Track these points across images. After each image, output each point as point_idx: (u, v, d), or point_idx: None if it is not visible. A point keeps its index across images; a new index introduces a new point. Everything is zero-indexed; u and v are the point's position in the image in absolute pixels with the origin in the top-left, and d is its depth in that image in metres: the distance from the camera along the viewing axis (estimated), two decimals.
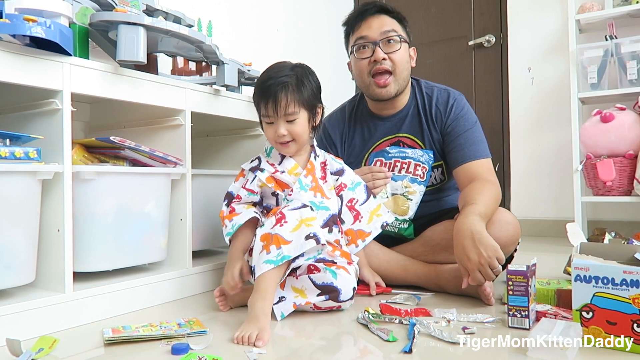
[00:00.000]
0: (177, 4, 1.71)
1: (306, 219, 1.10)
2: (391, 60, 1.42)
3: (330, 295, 1.15)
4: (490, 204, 1.27)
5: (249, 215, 1.22)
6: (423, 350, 0.91)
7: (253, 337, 0.94)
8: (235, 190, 1.28)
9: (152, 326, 1.04)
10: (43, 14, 1.07)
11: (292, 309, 1.13)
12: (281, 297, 1.14)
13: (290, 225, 1.09)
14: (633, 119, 2.25)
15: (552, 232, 2.67)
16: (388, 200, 1.42)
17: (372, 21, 1.44)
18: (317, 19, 2.99)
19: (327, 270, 1.16)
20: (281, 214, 1.11)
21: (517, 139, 2.86)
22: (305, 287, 1.15)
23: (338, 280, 1.16)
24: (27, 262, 1.05)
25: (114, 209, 1.21)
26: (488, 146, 1.45)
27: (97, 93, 1.16)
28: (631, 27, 2.47)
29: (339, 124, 1.60)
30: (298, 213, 1.11)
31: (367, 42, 1.43)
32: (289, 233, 1.08)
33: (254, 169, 1.27)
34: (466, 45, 3.02)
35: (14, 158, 1.00)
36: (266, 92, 1.19)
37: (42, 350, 0.88)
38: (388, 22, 1.44)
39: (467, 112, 1.46)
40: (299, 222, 1.10)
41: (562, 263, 1.53)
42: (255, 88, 1.25)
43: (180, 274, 1.35)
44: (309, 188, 1.25)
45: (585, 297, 0.90)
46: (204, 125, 1.66)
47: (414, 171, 1.42)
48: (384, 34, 1.42)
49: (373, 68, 1.43)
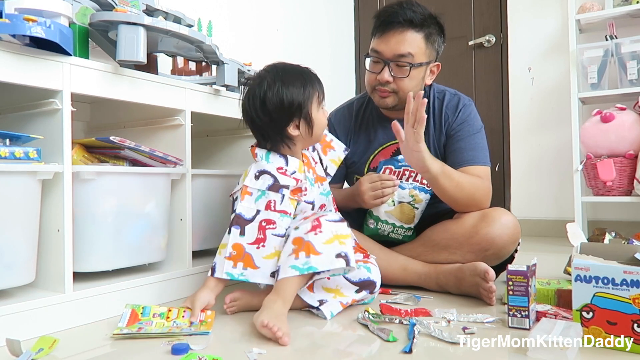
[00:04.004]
0: (177, 4, 1.71)
1: (341, 235, 1.09)
2: (396, 84, 1.39)
3: (369, 289, 1.19)
4: (464, 179, 1.32)
5: (263, 279, 1.13)
6: (423, 351, 0.91)
7: (280, 332, 0.94)
8: (248, 213, 1.15)
9: (167, 319, 1.06)
10: (43, 14, 1.06)
11: (341, 307, 1.15)
12: (320, 300, 1.14)
13: (325, 237, 1.07)
14: (633, 119, 2.25)
15: (552, 232, 2.67)
16: (394, 208, 1.42)
17: (391, 37, 1.36)
18: (317, 19, 2.99)
19: (360, 266, 1.18)
20: (318, 222, 1.09)
21: (517, 139, 2.86)
22: (340, 286, 1.16)
23: (373, 274, 1.20)
24: (27, 262, 1.05)
25: (114, 209, 1.21)
26: (489, 155, 1.45)
27: (97, 93, 1.16)
28: (631, 27, 2.46)
29: (345, 120, 1.59)
30: (335, 226, 1.10)
31: (379, 58, 1.40)
32: (321, 244, 1.06)
33: (275, 188, 1.16)
34: (466, 45, 3.02)
35: (14, 158, 1.00)
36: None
37: (42, 350, 0.88)
38: (408, 41, 1.36)
39: (473, 119, 1.46)
40: (333, 236, 1.08)
41: (562, 263, 1.53)
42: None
43: (180, 274, 1.35)
44: (314, 181, 1.26)
45: (585, 297, 0.90)
46: (204, 125, 1.66)
47: (421, 180, 1.41)
48: (396, 57, 1.36)
49: (377, 85, 1.42)
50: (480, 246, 1.30)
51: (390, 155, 1.51)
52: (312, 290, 1.15)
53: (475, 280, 1.22)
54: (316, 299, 1.14)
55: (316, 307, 1.13)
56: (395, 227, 1.42)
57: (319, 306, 1.13)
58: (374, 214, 1.43)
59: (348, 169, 1.58)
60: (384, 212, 1.42)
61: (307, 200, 1.23)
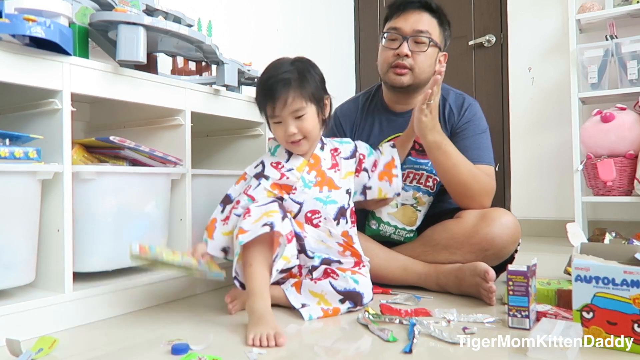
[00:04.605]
0: (177, 4, 1.71)
1: (268, 211, 1.11)
2: (414, 59, 1.42)
3: (355, 301, 1.16)
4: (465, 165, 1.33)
5: (213, 250, 1.19)
6: (423, 351, 0.91)
7: (272, 337, 0.94)
8: (235, 194, 1.24)
9: (174, 253, 1.09)
10: (43, 13, 1.06)
11: (322, 313, 1.13)
12: (303, 304, 1.14)
13: (253, 218, 1.09)
14: (633, 119, 2.25)
15: (552, 232, 2.67)
16: (397, 210, 1.42)
17: (410, 15, 1.43)
18: (317, 18, 2.99)
19: (347, 277, 1.16)
20: (247, 210, 1.13)
21: (517, 139, 2.86)
22: (325, 292, 1.15)
23: (360, 285, 1.17)
24: (27, 262, 1.05)
25: (114, 209, 1.21)
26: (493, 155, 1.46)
27: (97, 93, 1.16)
28: (631, 27, 2.47)
29: (350, 113, 1.60)
30: (263, 208, 1.12)
31: (398, 34, 1.43)
32: (249, 224, 1.08)
33: (258, 176, 1.23)
34: (466, 45, 3.02)
35: (14, 158, 1.00)
36: (269, 92, 1.16)
37: (42, 350, 0.88)
38: (426, 20, 1.43)
39: (479, 119, 1.48)
40: (261, 215, 1.10)
41: (563, 263, 1.53)
42: (257, 89, 1.23)
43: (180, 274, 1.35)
44: (313, 184, 1.23)
45: (585, 297, 0.90)
46: (204, 125, 1.66)
47: (425, 183, 1.42)
48: (415, 32, 1.41)
49: (395, 61, 1.44)
50: (480, 246, 1.30)
51: None
52: (299, 291, 1.16)
53: (476, 280, 1.22)
54: (300, 302, 1.14)
55: (297, 308, 1.13)
56: (397, 229, 1.42)
57: (300, 308, 1.13)
58: (376, 215, 1.43)
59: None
60: (387, 214, 1.42)
61: (295, 199, 1.21)
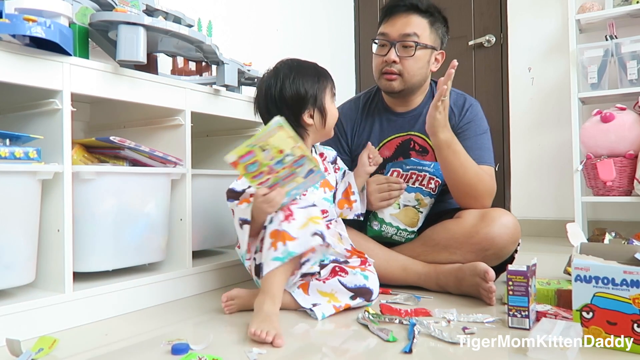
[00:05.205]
0: (177, 4, 1.71)
1: (313, 217, 1.10)
2: (402, 64, 1.43)
3: (365, 297, 1.18)
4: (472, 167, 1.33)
5: None
6: (423, 351, 0.91)
7: (271, 335, 0.94)
8: (240, 187, 1.20)
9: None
10: (43, 14, 1.06)
11: (334, 310, 1.14)
12: (314, 304, 1.14)
13: (298, 223, 1.08)
14: (633, 119, 2.25)
15: (552, 232, 2.67)
16: (399, 211, 1.42)
17: (397, 20, 1.43)
18: (317, 18, 2.99)
19: (357, 273, 1.18)
20: (289, 211, 1.10)
21: (517, 139, 2.86)
22: (335, 290, 1.16)
23: (370, 281, 1.19)
24: (27, 262, 1.05)
25: (114, 209, 1.21)
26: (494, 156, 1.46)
27: (97, 93, 1.16)
28: (631, 27, 2.47)
29: (351, 113, 1.60)
30: (306, 211, 1.11)
31: (385, 40, 1.44)
32: (296, 230, 1.07)
33: None
34: (466, 45, 3.02)
35: (14, 158, 1.00)
36: None
37: (42, 350, 0.88)
38: (414, 23, 1.42)
39: (480, 119, 1.48)
40: (306, 220, 1.09)
41: (562, 263, 1.53)
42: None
43: (180, 274, 1.35)
44: (319, 185, 1.27)
45: (585, 297, 0.90)
46: (204, 125, 1.66)
47: (427, 184, 1.42)
48: (402, 37, 1.41)
49: (384, 67, 1.44)
50: (480, 246, 1.30)
51: (394, 149, 1.52)
52: (307, 292, 1.16)
53: (475, 281, 1.22)
54: (310, 302, 1.14)
55: (309, 308, 1.14)
56: (399, 230, 1.42)
57: (311, 308, 1.13)
58: (378, 216, 1.44)
59: (353, 161, 1.58)
60: (389, 215, 1.42)
61: (309, 200, 1.22)
